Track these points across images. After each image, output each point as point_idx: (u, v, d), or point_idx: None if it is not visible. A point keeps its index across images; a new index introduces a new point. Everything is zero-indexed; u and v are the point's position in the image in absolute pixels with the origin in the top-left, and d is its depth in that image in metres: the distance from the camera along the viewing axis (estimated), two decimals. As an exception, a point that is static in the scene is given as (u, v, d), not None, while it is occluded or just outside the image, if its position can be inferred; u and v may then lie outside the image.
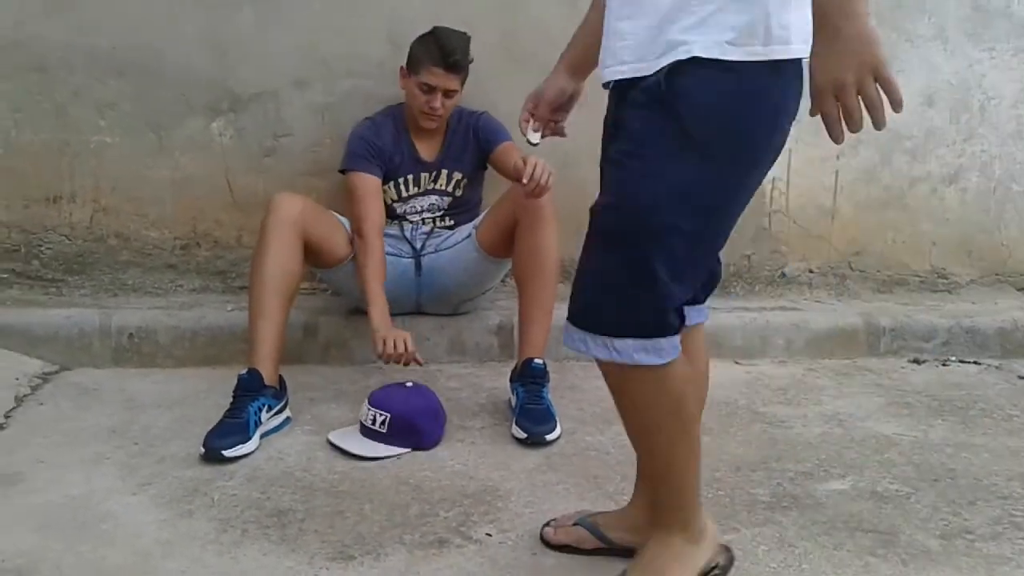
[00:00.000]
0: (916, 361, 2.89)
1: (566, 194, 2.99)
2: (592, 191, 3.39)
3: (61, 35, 2.85)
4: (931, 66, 3.25)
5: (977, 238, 3.38)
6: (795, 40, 1.24)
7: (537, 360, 2.31)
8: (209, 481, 1.90)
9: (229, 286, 3.01)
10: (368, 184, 2.55)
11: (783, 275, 3.29)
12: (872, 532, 1.73)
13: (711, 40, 1.23)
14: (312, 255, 2.43)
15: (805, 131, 3.14)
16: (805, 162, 3.23)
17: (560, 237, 2.45)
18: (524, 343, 2.37)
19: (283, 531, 1.69)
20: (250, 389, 2.13)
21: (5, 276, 2.94)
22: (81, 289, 2.95)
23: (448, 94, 2.56)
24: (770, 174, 3.35)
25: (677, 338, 1.30)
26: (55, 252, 2.96)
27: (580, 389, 2.54)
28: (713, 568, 1.50)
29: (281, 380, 2.26)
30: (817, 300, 3.20)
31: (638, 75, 1.31)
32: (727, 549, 1.56)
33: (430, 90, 2.53)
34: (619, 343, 1.27)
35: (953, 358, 2.92)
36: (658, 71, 1.27)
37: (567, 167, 3.05)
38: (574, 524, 1.65)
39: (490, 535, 1.69)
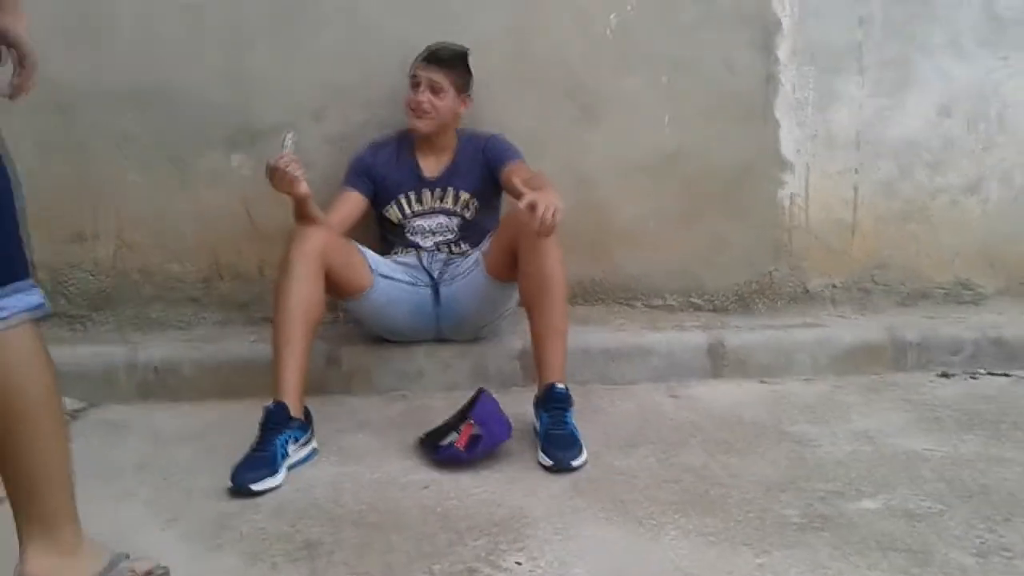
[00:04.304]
0: (944, 375, 2.86)
1: (582, 213, 3.03)
2: (610, 209, 3.43)
3: (82, 73, 2.89)
4: (946, 76, 3.23)
5: (1000, 248, 3.34)
6: None
7: (559, 385, 2.29)
8: (237, 515, 1.90)
9: (251, 318, 3.03)
10: (343, 195, 2.69)
11: (806, 291, 3.27)
12: (906, 551, 1.70)
13: None
14: (334, 286, 2.44)
15: (821, 145, 3.21)
16: (823, 176, 3.22)
17: (579, 257, 2.44)
18: (542, 368, 2.35)
19: (312, 564, 1.69)
20: (276, 422, 2.14)
21: (31, 314, 2.97)
22: (106, 325, 2.98)
23: (434, 90, 2.64)
24: (788, 189, 3.43)
25: None
26: (80, 289, 2.99)
27: (605, 412, 2.53)
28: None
29: (307, 411, 2.26)
30: (841, 315, 3.18)
31: None
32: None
33: (416, 85, 2.65)
34: None
35: (982, 370, 2.88)
36: None
37: (583, 184, 3.07)
38: None
39: (519, 563, 1.68)
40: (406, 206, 2.73)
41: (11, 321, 1.34)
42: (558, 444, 2.15)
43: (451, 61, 2.70)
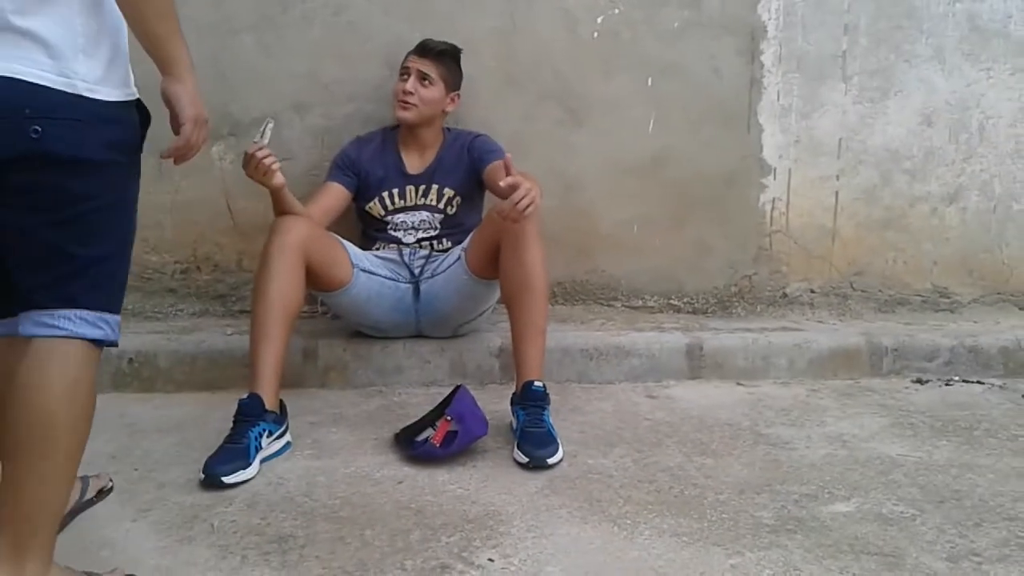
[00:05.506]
0: (919, 381, 2.88)
1: (565, 214, 3.03)
2: (593, 211, 3.42)
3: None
4: (929, 86, 3.26)
5: (978, 257, 3.37)
6: None
7: (537, 383, 2.29)
8: (209, 507, 1.89)
9: (229, 310, 3.01)
10: (326, 188, 2.70)
11: (784, 295, 3.28)
12: (878, 555, 1.71)
13: None
14: (313, 278, 2.43)
15: (804, 151, 3.23)
16: (804, 182, 3.24)
17: (562, 258, 2.44)
18: (521, 365, 2.35)
19: (283, 557, 1.68)
20: (251, 414, 2.12)
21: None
22: (81, 314, 2.95)
23: (423, 80, 2.65)
24: (770, 194, 3.46)
25: None
26: (55, 277, 2.95)
27: (582, 411, 2.52)
28: None
29: (282, 404, 2.25)
30: (819, 320, 3.19)
31: None
32: None
33: (405, 75, 2.67)
34: None
35: (956, 378, 2.91)
36: None
37: (567, 186, 3.07)
38: None
39: (492, 560, 1.68)
40: (389, 201, 2.72)
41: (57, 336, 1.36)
42: (534, 441, 2.14)
43: (442, 55, 2.70)
